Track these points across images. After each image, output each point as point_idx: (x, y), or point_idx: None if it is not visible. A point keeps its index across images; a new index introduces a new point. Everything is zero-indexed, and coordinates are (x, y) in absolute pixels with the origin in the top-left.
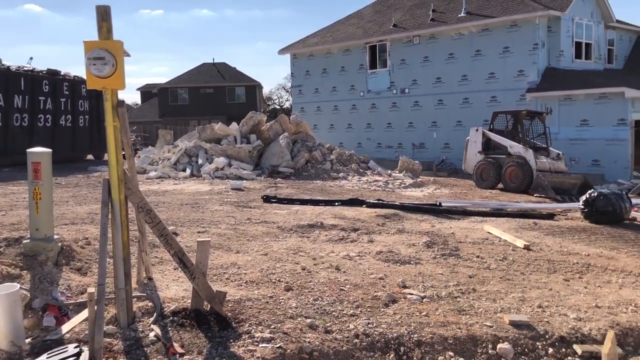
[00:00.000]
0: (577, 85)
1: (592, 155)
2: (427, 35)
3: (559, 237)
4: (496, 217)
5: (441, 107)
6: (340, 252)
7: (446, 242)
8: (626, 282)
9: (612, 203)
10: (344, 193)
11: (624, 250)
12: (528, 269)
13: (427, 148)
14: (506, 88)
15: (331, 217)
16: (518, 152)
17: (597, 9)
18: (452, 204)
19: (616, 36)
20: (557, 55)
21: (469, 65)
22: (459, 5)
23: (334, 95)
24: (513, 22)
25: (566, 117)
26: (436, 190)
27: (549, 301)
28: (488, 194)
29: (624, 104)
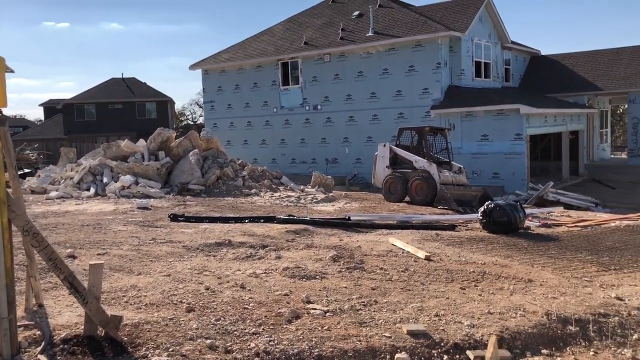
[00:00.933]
0: (477, 102)
1: (492, 168)
2: (337, 54)
3: (458, 247)
4: (402, 229)
5: (352, 123)
6: (246, 270)
7: (352, 255)
8: (517, 288)
9: (507, 213)
10: (255, 210)
11: (516, 258)
12: (428, 279)
13: (340, 163)
14: (412, 105)
15: (240, 234)
16: (423, 167)
17: (494, 30)
18: (361, 218)
19: (512, 56)
20: (458, 74)
21: (377, 83)
22: (367, 25)
23: (247, 111)
24: (417, 42)
25: (468, 132)
26: (347, 204)
27: (445, 310)
28: (396, 207)
29: (520, 120)
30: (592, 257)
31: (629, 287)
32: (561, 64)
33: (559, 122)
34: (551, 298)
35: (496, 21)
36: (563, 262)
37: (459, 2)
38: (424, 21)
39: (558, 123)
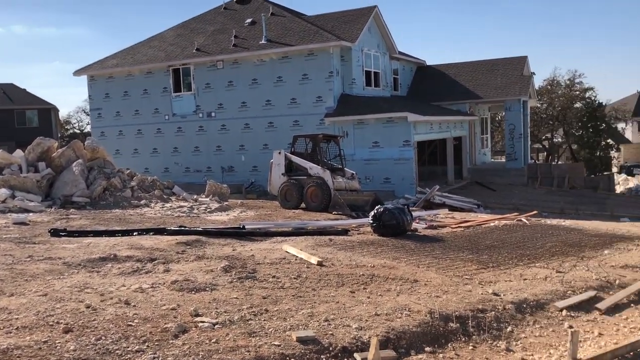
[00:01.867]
0: (368, 110)
1: (383, 174)
2: (230, 61)
3: (350, 252)
4: (296, 236)
5: (248, 131)
6: (132, 285)
7: (245, 265)
8: (403, 289)
9: (396, 217)
10: (145, 221)
11: (404, 259)
12: (319, 284)
13: (236, 171)
14: (307, 113)
15: (127, 248)
16: (317, 173)
17: (383, 41)
18: (256, 226)
19: (400, 66)
20: (350, 82)
21: (272, 90)
22: (260, 32)
23: (137, 119)
24: (310, 51)
25: (360, 139)
26: (242, 213)
27: (335, 314)
28: (291, 214)
29: (408, 127)
30: (473, 256)
31: (505, 282)
32: (445, 73)
33: (443, 128)
34: (434, 297)
35: (384, 32)
36: (446, 261)
37: (349, 13)
38: (316, 30)
39: (443, 130)
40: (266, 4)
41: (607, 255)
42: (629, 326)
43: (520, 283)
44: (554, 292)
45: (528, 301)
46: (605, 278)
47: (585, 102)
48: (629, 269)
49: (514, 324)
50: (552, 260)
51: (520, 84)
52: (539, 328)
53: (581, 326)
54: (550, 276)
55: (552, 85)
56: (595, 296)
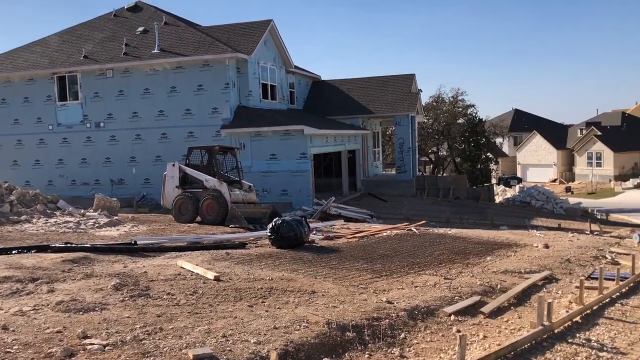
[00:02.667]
0: (265, 123)
1: (281, 186)
2: (121, 69)
3: (248, 265)
4: (192, 250)
5: (140, 142)
6: (10, 309)
7: (137, 282)
8: (301, 300)
9: (294, 229)
10: (26, 239)
11: (302, 271)
12: (216, 299)
13: (127, 184)
14: (202, 124)
15: (4, 267)
16: (213, 186)
17: (279, 55)
18: (149, 241)
19: (296, 80)
20: (246, 94)
21: (165, 101)
22: (153, 41)
23: (17, 129)
24: (205, 62)
25: (257, 151)
26: (134, 227)
27: (233, 329)
28: (186, 228)
29: (304, 140)
30: (368, 265)
31: (398, 290)
32: (339, 89)
33: (338, 142)
34: (332, 307)
35: (280, 46)
36: (342, 271)
37: (245, 26)
38: (211, 41)
39: (338, 143)
40: (159, 12)
41: (489, 262)
42: (509, 327)
43: (412, 290)
44: (443, 298)
45: (419, 308)
46: (488, 283)
47: (467, 118)
48: (508, 274)
49: (407, 330)
50: (440, 267)
51: (408, 101)
52: (430, 333)
53: (468, 330)
54: (439, 283)
55: (438, 102)
56: (480, 301)
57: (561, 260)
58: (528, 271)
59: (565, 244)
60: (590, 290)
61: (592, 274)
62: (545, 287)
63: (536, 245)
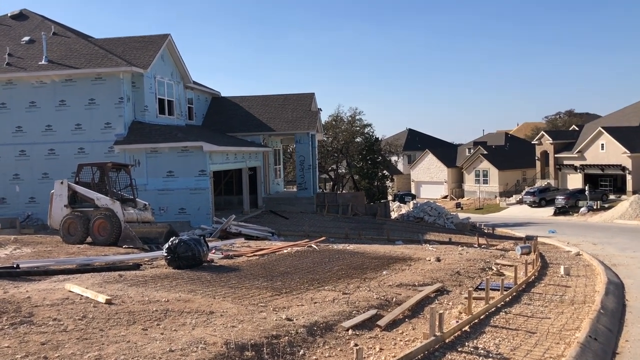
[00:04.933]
0: (162, 139)
1: (179, 204)
2: (3, 80)
3: (142, 287)
4: (81, 273)
5: (24, 158)
6: None
7: (19, 308)
8: (199, 321)
9: (192, 248)
10: None
11: (200, 291)
12: (108, 324)
13: (9, 203)
14: (94, 140)
15: None
16: (105, 205)
17: (176, 70)
18: (33, 265)
19: (194, 96)
20: (142, 109)
21: (53, 115)
22: (40, 52)
23: None
24: (98, 75)
25: (153, 168)
26: (16, 250)
27: (126, 354)
28: (76, 249)
29: (204, 157)
30: (268, 283)
31: (297, 307)
32: (239, 105)
33: (239, 159)
34: (230, 327)
35: (178, 61)
36: (242, 290)
37: (141, 39)
38: (105, 54)
39: (239, 160)
40: (47, 22)
41: (385, 276)
42: (404, 339)
43: (312, 307)
44: (341, 313)
45: (318, 323)
46: (384, 297)
47: (365, 136)
48: (403, 287)
49: (306, 347)
50: (339, 283)
51: (308, 119)
52: (329, 348)
53: (365, 343)
54: (338, 298)
55: (337, 120)
56: (377, 314)
57: (452, 272)
58: (421, 284)
59: (456, 257)
60: (478, 300)
61: (479, 285)
62: (437, 299)
63: (429, 259)
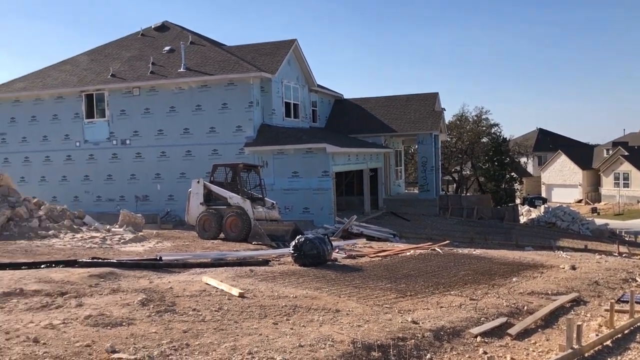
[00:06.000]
0: (288, 140)
1: (303, 203)
2: (147, 87)
3: (271, 282)
4: (216, 267)
5: (164, 159)
6: (41, 322)
7: (163, 298)
8: (326, 319)
9: (317, 247)
10: (54, 253)
11: (325, 289)
12: (241, 316)
13: (151, 200)
14: (226, 142)
15: (35, 281)
16: (237, 203)
17: (302, 74)
18: (173, 257)
19: (318, 99)
20: (270, 113)
21: (190, 118)
22: (179, 60)
23: (46, 145)
24: (230, 81)
25: (280, 169)
26: (158, 243)
27: (258, 346)
28: (210, 244)
29: (326, 158)
30: (392, 285)
31: (423, 311)
32: (361, 107)
33: (360, 160)
34: (356, 326)
35: (303, 65)
36: (366, 290)
37: (269, 45)
38: (236, 61)
39: (360, 161)
40: (185, 32)
41: (515, 283)
42: (537, 350)
43: (437, 311)
44: (469, 319)
45: (445, 328)
46: (515, 305)
47: (491, 137)
48: (535, 296)
49: (433, 351)
50: (466, 288)
51: (432, 119)
52: (456, 355)
53: (495, 351)
54: (465, 304)
55: (461, 120)
56: (507, 322)
57: (589, 282)
58: (555, 293)
59: (593, 265)
60: (621, 313)
61: (622, 297)
62: (574, 310)
63: (563, 267)
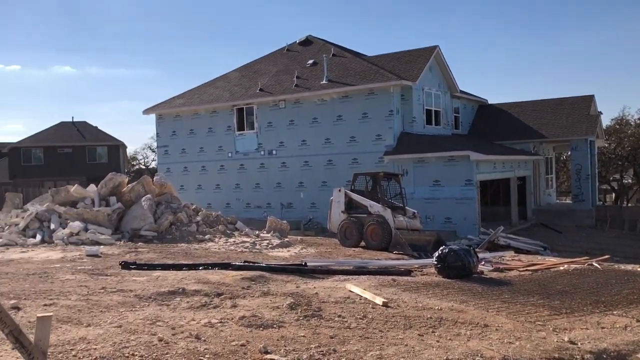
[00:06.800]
0: (429, 148)
1: (444, 213)
2: (292, 100)
3: (415, 293)
4: (358, 275)
5: (307, 168)
6: (201, 320)
7: (310, 303)
8: (474, 333)
9: (461, 258)
10: (210, 256)
11: (472, 303)
12: (386, 326)
13: (295, 208)
14: (366, 151)
15: (194, 282)
16: (378, 212)
17: (444, 80)
18: (317, 264)
19: (460, 105)
20: (410, 121)
21: (331, 129)
22: (321, 73)
23: (202, 156)
24: (370, 90)
25: (420, 177)
26: (303, 249)
27: (404, 357)
28: (352, 252)
29: (470, 166)
30: (544, 301)
31: (581, 330)
32: (507, 112)
33: (507, 168)
34: (507, 343)
35: (445, 71)
36: (516, 306)
37: (410, 53)
38: (377, 70)
39: (506, 169)
40: (327, 45)
41: None
42: None
43: (598, 331)
44: (637, 343)
45: (608, 351)
46: None
47: None
48: None
49: None
50: (631, 308)
51: (587, 124)
52: None
53: None
54: (631, 325)
55: (621, 124)
56: None
57: None
58: None
59: None
60: None
61: None
62: None
63: None
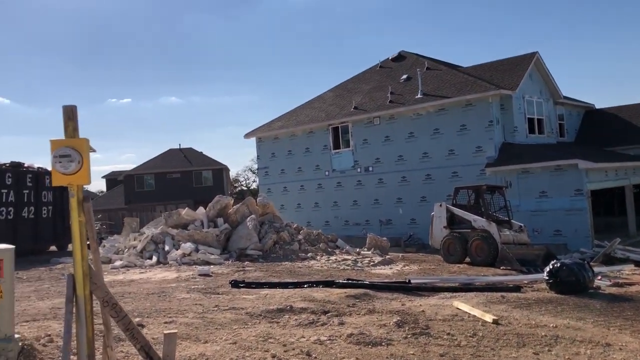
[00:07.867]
0: (533, 158)
1: (553, 226)
2: (387, 116)
3: (526, 310)
4: (465, 291)
5: (405, 184)
6: (310, 337)
7: (417, 320)
8: (595, 353)
9: (575, 273)
10: (313, 274)
11: (590, 320)
12: (498, 344)
13: (394, 224)
14: (466, 163)
15: (300, 299)
16: (482, 226)
17: (545, 87)
18: (422, 281)
19: (565, 111)
20: (511, 130)
21: (428, 143)
22: (416, 87)
23: (300, 176)
24: (468, 102)
25: (525, 189)
26: (405, 266)
27: None
28: (456, 268)
29: (579, 175)
30: None
31: None
32: (617, 116)
33: (620, 175)
34: None
35: (546, 77)
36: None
37: (507, 62)
38: (473, 81)
39: (620, 177)
40: (421, 59)
41: None
42: None
43: None
44: None
45: None
46: None
47: None
48: None
49: None
50: None
51: None
52: None
53: None
54: None
55: None
56: None
57: None
58: None
59: None
60: None
61: None
62: None
63: None
